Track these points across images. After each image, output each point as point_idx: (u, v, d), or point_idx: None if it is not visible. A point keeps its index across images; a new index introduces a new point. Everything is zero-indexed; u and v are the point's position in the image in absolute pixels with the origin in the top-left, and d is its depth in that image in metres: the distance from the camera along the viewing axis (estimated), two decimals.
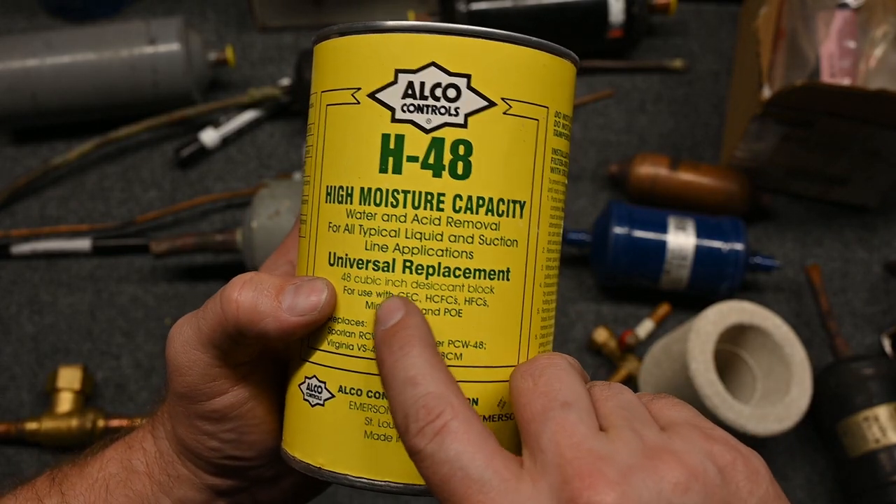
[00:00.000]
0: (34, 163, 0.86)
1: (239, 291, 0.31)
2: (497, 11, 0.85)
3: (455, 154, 0.29)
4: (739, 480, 0.25)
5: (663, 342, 0.73)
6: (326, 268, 0.31)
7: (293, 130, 0.88)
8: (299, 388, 0.32)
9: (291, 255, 0.37)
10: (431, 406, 0.25)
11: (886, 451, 0.67)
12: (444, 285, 0.30)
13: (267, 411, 0.35)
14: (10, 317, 0.79)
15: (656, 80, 0.91)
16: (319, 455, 0.31)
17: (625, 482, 0.23)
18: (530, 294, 0.31)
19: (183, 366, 0.33)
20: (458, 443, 0.25)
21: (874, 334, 0.80)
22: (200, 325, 0.32)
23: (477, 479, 0.24)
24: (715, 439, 0.26)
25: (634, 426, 0.26)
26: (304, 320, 0.30)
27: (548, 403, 0.26)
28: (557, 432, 0.25)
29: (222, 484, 0.36)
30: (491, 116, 0.30)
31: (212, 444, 0.34)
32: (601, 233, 0.77)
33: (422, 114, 0.29)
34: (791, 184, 0.85)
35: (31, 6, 0.94)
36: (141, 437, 0.37)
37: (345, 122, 0.31)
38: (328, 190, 0.31)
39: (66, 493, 0.36)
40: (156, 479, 0.36)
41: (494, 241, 0.30)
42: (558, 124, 0.32)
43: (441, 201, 0.29)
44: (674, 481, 0.24)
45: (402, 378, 0.26)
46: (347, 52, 0.31)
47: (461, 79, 0.29)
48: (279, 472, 0.37)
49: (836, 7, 0.79)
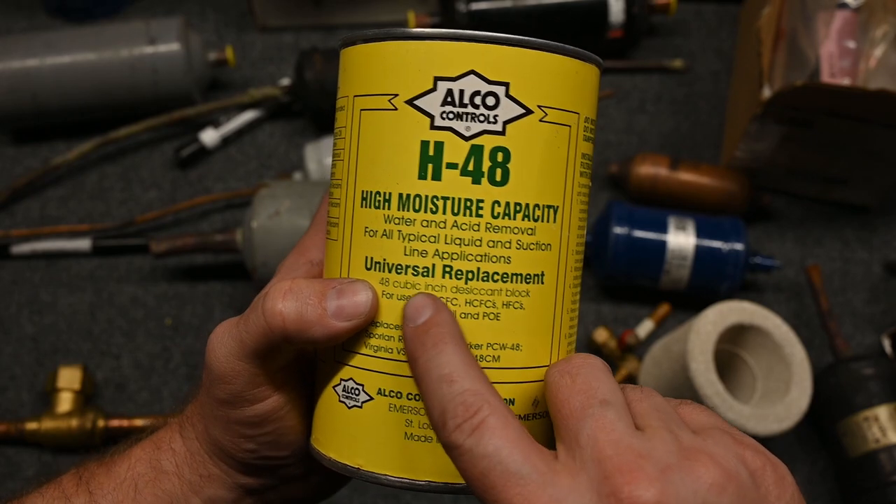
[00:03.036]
0: (34, 163, 0.86)
1: (283, 302, 0.31)
2: (497, 12, 0.85)
3: (494, 161, 0.30)
4: (769, 485, 0.26)
5: (663, 342, 0.73)
6: (363, 272, 0.31)
7: (293, 130, 0.88)
8: (334, 391, 0.32)
9: (311, 254, 0.37)
10: (469, 403, 0.26)
11: (886, 451, 0.67)
12: (483, 290, 0.30)
13: (302, 412, 0.35)
14: (10, 317, 0.79)
15: (656, 80, 0.91)
16: (358, 456, 0.31)
17: (664, 479, 0.24)
18: (561, 295, 0.32)
19: (227, 375, 0.33)
20: (496, 438, 0.25)
21: (874, 334, 0.80)
22: (244, 338, 0.32)
23: (515, 472, 0.25)
24: (746, 444, 0.27)
25: (670, 427, 0.26)
26: (351, 325, 0.30)
27: (586, 401, 0.27)
28: (597, 429, 0.25)
29: (253, 483, 0.37)
30: (528, 124, 0.30)
31: (249, 446, 0.35)
32: (601, 233, 0.77)
33: (461, 121, 0.30)
34: (791, 184, 0.85)
35: (31, 6, 0.94)
36: (169, 437, 0.37)
37: (381, 127, 0.31)
38: (363, 195, 0.31)
39: (94, 491, 0.36)
40: (185, 478, 0.36)
41: (531, 246, 0.31)
42: (587, 129, 0.32)
43: (480, 207, 0.30)
44: (710, 481, 0.24)
45: (436, 376, 0.27)
46: (383, 58, 0.31)
47: (500, 87, 0.30)
48: (308, 470, 0.37)
49: (836, 7, 0.79)
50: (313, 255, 0.37)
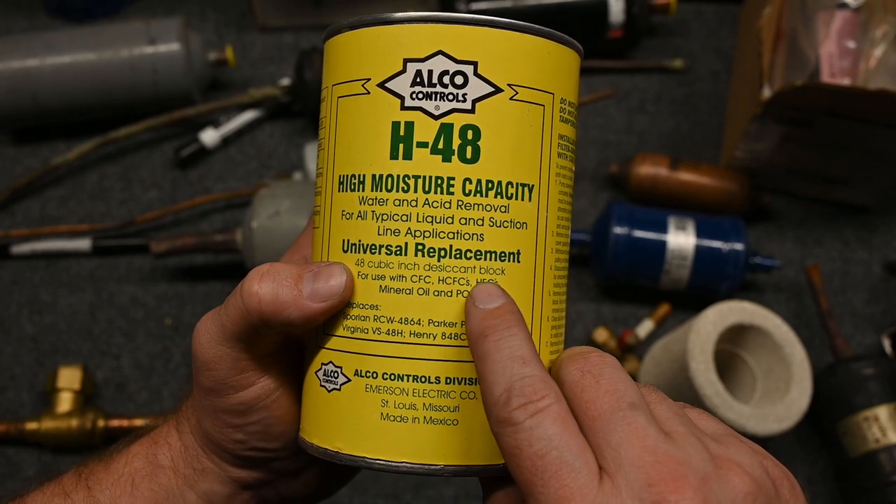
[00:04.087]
0: (34, 163, 0.86)
1: (259, 284, 0.31)
2: (497, 11, 0.85)
3: (464, 139, 0.30)
4: (786, 495, 0.27)
5: (663, 342, 0.73)
6: (340, 255, 0.32)
7: (293, 130, 0.88)
8: (316, 375, 0.32)
9: (306, 251, 0.37)
10: (538, 387, 0.26)
11: (886, 451, 0.67)
12: (456, 267, 0.30)
13: (291, 402, 0.35)
14: (10, 317, 0.79)
15: (656, 80, 0.91)
16: (337, 439, 0.31)
17: (706, 488, 0.24)
18: (541, 276, 0.32)
19: (210, 360, 0.33)
20: (557, 425, 0.25)
21: (874, 334, 0.80)
22: (224, 321, 0.32)
23: (569, 462, 0.25)
24: (763, 454, 0.27)
25: (695, 433, 0.27)
26: (326, 306, 0.31)
27: (615, 403, 0.26)
28: (630, 433, 0.25)
29: (247, 477, 0.37)
30: (498, 102, 0.30)
31: (238, 436, 0.35)
32: (601, 233, 0.77)
33: (430, 101, 0.30)
34: (791, 184, 0.85)
35: (31, 6, 0.94)
36: (166, 432, 0.38)
37: (356, 112, 0.31)
38: (341, 179, 0.32)
39: (93, 487, 0.36)
40: (181, 473, 0.37)
41: (504, 224, 0.31)
42: (564, 111, 0.32)
43: (451, 185, 0.30)
44: (745, 490, 0.25)
45: (508, 355, 0.27)
46: (357, 45, 0.32)
47: (468, 66, 0.30)
48: (302, 465, 0.37)
49: (836, 7, 0.79)
50: (308, 251, 0.37)
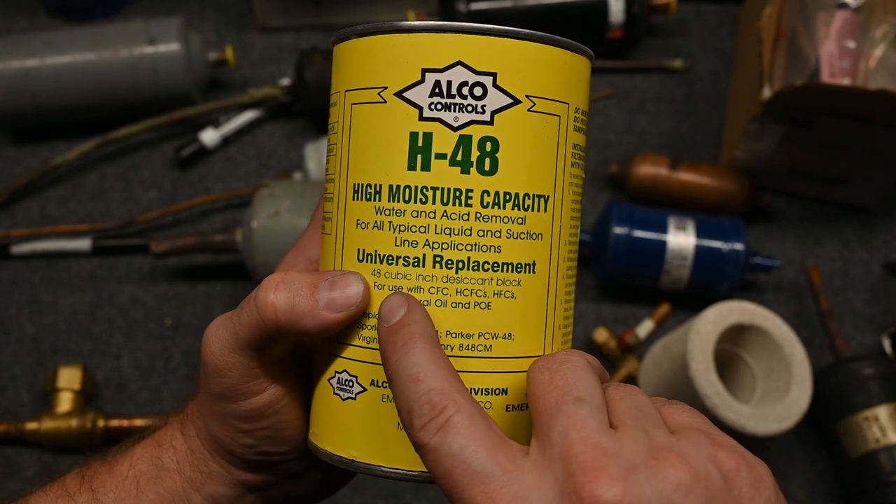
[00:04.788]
0: (34, 163, 0.86)
1: (274, 293, 0.31)
2: (497, 12, 0.85)
3: (482, 151, 0.30)
4: (742, 486, 0.25)
5: (663, 342, 0.73)
6: (355, 264, 0.32)
7: (293, 130, 0.88)
8: (329, 383, 0.32)
9: (309, 252, 0.37)
10: (435, 402, 0.26)
11: (886, 451, 0.67)
12: (474, 279, 0.30)
13: (300, 406, 0.35)
14: (10, 317, 0.79)
15: (656, 80, 0.91)
16: (353, 448, 0.32)
17: (628, 478, 0.24)
18: (554, 285, 0.32)
19: (221, 368, 0.33)
20: (460, 437, 0.25)
21: (874, 334, 0.80)
22: (237, 329, 0.32)
23: (478, 471, 0.25)
24: (721, 445, 0.26)
25: (644, 426, 0.26)
26: (343, 316, 0.30)
27: (561, 397, 0.26)
28: (568, 426, 0.25)
29: (254, 479, 0.37)
30: (516, 113, 0.30)
31: (247, 441, 0.35)
32: (601, 233, 0.77)
33: (449, 112, 0.30)
34: (791, 184, 0.85)
35: (31, 6, 0.94)
36: (170, 434, 0.38)
37: (371, 120, 0.31)
38: (355, 188, 0.32)
39: (97, 489, 0.36)
40: (186, 476, 0.36)
41: (521, 235, 0.31)
42: (577, 119, 0.33)
43: (469, 197, 0.30)
44: (676, 482, 0.24)
45: (405, 375, 0.27)
46: (373, 52, 0.31)
47: (487, 77, 0.30)
48: (308, 466, 0.37)
49: (836, 7, 0.79)
50: (312, 252, 0.37)
